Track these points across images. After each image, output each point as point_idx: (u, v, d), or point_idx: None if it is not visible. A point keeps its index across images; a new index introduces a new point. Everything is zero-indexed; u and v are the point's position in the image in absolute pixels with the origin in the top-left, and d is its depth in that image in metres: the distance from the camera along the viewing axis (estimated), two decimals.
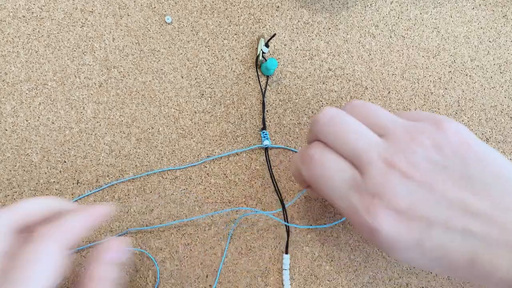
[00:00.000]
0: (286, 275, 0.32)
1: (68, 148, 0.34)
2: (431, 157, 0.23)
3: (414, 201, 0.22)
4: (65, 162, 0.34)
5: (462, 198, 0.22)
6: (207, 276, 0.32)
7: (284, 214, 0.33)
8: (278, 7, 0.37)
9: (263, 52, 0.34)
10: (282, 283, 0.32)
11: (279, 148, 0.35)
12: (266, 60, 0.34)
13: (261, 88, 0.36)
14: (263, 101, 0.35)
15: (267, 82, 0.36)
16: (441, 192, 0.22)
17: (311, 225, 0.33)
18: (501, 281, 0.21)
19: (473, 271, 0.21)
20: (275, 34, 0.33)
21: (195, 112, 0.35)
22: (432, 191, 0.22)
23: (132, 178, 0.34)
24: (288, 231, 0.33)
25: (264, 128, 0.35)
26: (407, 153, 0.23)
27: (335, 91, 0.36)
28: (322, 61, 0.36)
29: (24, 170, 0.33)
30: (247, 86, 0.36)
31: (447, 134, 0.23)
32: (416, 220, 0.22)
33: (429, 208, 0.22)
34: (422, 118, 0.25)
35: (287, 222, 0.33)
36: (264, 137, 0.34)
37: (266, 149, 0.34)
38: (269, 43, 0.35)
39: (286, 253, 0.32)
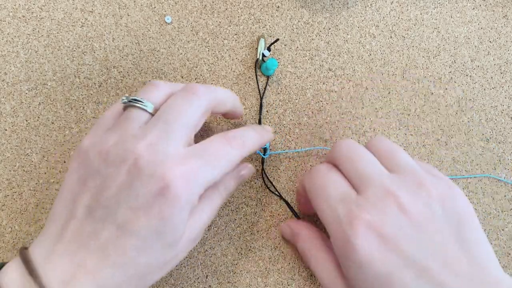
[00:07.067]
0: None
1: (68, 148, 0.34)
2: (433, 206, 0.23)
3: (400, 235, 0.22)
4: (64, 162, 0.34)
5: (449, 253, 0.22)
6: (207, 277, 0.32)
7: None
8: (278, 7, 0.37)
9: (263, 55, 0.34)
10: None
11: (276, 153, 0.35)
12: (265, 61, 0.34)
13: (259, 89, 0.36)
14: (261, 102, 0.35)
15: (267, 83, 0.36)
16: (430, 239, 0.22)
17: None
18: None
19: None
20: (278, 39, 0.33)
21: None
22: (421, 234, 0.22)
23: None
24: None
25: None
26: (411, 192, 0.24)
27: (335, 91, 0.36)
28: (322, 61, 0.36)
29: (24, 170, 0.33)
30: (247, 86, 0.36)
31: (455, 195, 0.24)
32: (396, 253, 0.22)
33: (413, 248, 0.22)
34: (437, 174, 0.26)
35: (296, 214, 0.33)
36: None
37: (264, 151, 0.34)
38: (271, 47, 0.34)
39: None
